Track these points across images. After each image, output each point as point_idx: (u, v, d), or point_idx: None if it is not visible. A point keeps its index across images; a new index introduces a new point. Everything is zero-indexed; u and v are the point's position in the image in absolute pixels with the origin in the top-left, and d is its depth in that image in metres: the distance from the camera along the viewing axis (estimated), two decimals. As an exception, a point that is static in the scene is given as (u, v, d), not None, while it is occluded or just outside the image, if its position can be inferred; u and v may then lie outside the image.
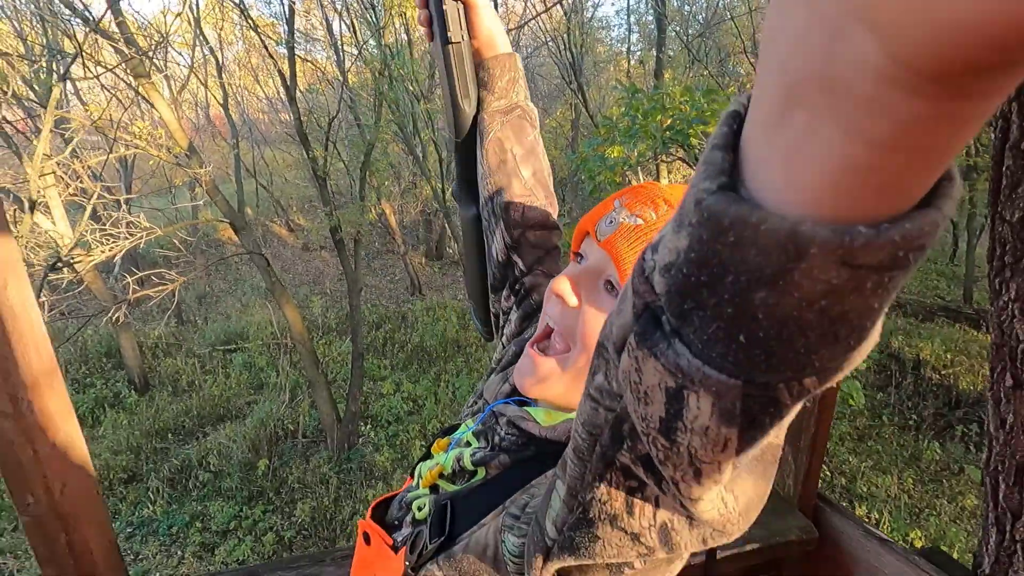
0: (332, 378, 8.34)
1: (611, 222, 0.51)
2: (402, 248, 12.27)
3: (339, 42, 9.44)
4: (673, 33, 11.98)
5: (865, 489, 6.25)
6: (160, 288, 5.36)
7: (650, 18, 12.44)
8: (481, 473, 0.56)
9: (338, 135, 9.81)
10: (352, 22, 9.03)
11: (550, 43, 12.67)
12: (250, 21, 6.71)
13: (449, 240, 14.13)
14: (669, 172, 10.10)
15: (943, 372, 7.96)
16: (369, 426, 7.48)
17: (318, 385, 6.81)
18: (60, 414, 0.76)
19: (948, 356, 8.13)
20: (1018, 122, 0.74)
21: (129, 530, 5.90)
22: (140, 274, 5.59)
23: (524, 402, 0.60)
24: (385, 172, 11.28)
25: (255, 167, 14.12)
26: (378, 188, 10.89)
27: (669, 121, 6.21)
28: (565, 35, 11.67)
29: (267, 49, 6.61)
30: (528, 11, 13.21)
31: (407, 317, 10.65)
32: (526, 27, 13.22)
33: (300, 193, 16.35)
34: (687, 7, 13.19)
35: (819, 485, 1.05)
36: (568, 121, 15.64)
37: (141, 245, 5.32)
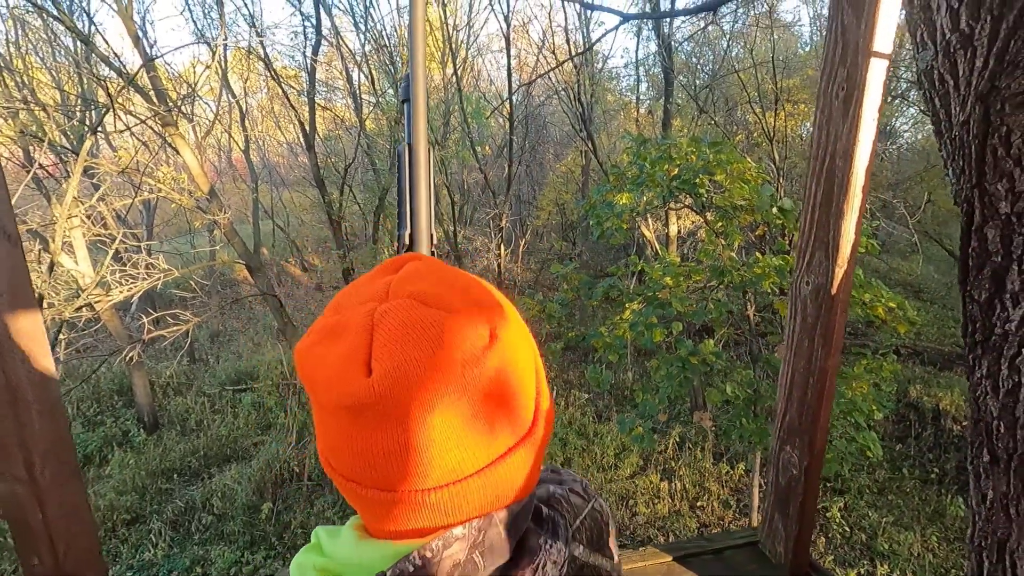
0: (339, 419, 8.28)
1: None
2: (412, 290, 12.38)
3: (357, 91, 9.85)
4: (680, 85, 12.34)
5: (887, 546, 6.00)
6: (175, 328, 5.46)
7: (658, 70, 12.83)
8: None
9: (354, 179, 10.12)
10: (371, 72, 9.44)
11: (561, 93, 13.10)
12: (273, 72, 7.05)
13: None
14: (678, 219, 10.22)
15: (964, 424, 7.73)
16: (374, 471, 7.39)
17: (325, 427, 6.78)
18: (69, 479, 0.79)
19: (968, 407, 7.91)
20: (980, 207, 0.77)
21: (129, 574, 5.81)
22: (156, 314, 5.71)
23: None
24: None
25: (272, 209, 14.51)
26: (391, 231, 11.13)
27: (676, 170, 6.35)
28: (575, 86, 12.07)
29: (288, 100, 6.92)
30: (540, 62, 13.72)
31: (417, 359, 10.64)
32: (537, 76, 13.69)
33: (315, 234, 16.72)
34: (694, 59, 13.61)
35: (823, 546, 1.05)
36: (579, 167, 16.01)
37: (159, 286, 5.46)
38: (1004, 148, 0.73)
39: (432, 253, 0.70)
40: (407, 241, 0.68)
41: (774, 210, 6.03)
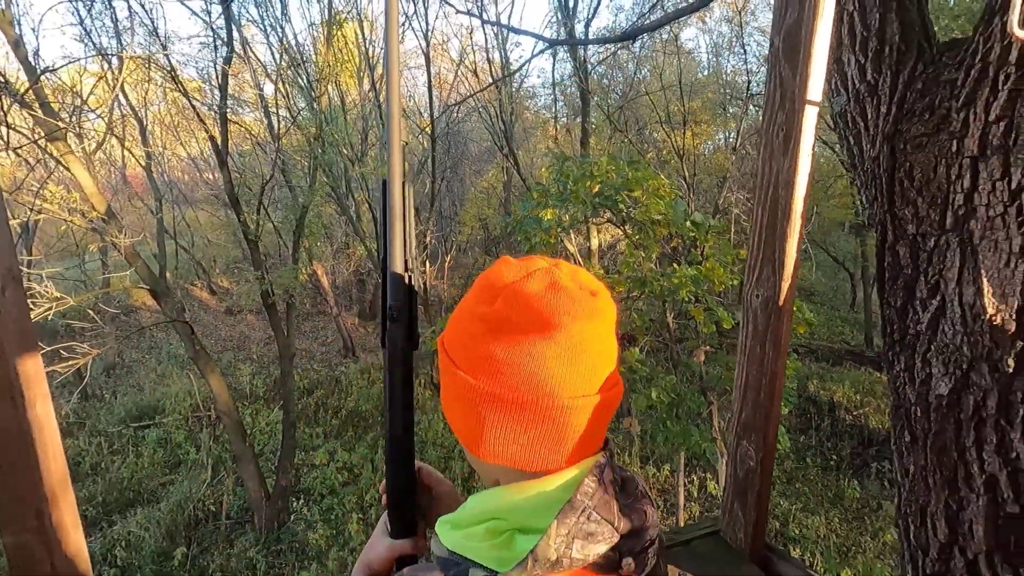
0: (260, 451, 7.82)
1: None
2: (335, 310, 11.98)
3: (269, 106, 9.47)
4: (596, 104, 12.94)
5: (798, 531, 6.53)
6: (69, 363, 4.94)
7: (574, 91, 13.41)
8: None
9: (270, 197, 9.68)
10: (285, 88, 9.12)
11: (482, 110, 13.30)
12: (180, 85, 6.64)
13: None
14: (599, 232, 10.66)
15: (855, 413, 8.61)
16: (301, 501, 7.03)
17: (244, 459, 6.37)
18: (72, 525, 0.73)
19: (858, 397, 8.83)
20: (891, 229, 0.93)
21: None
22: (46, 348, 5.13)
23: None
24: (318, 234, 11.16)
25: (175, 228, 13.51)
26: (309, 249, 10.71)
27: (598, 187, 6.63)
28: (496, 104, 12.31)
29: (197, 113, 6.54)
30: (459, 79, 13.89)
31: (340, 381, 10.28)
32: (456, 92, 13.84)
33: (224, 255, 15.71)
34: (606, 81, 14.33)
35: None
36: (501, 183, 16.25)
37: (49, 317, 4.92)
38: (909, 180, 0.89)
39: (407, 278, 0.73)
40: (383, 268, 0.72)
41: (687, 223, 6.47)
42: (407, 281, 0.72)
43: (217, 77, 6.92)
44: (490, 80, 11.16)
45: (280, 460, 6.59)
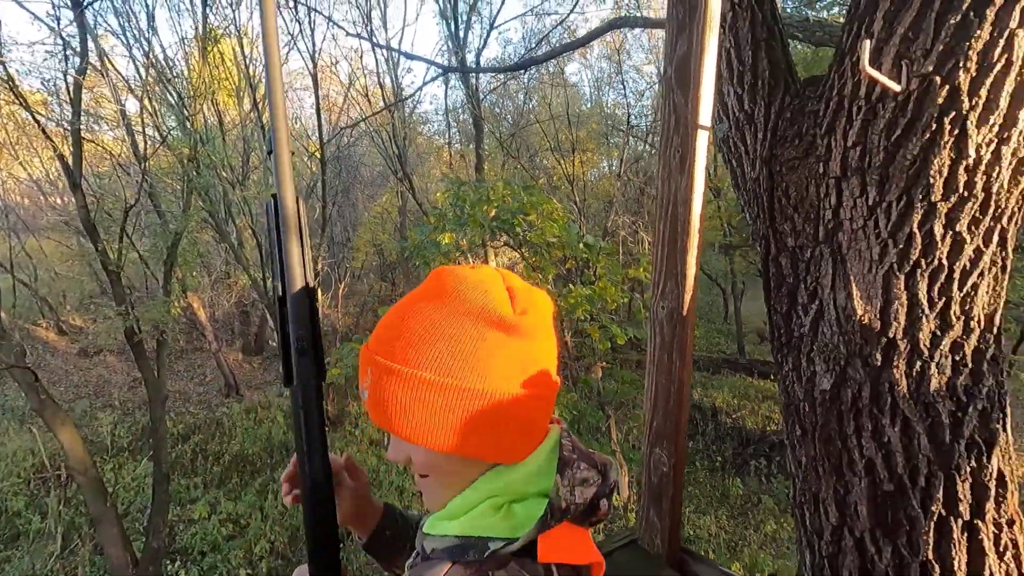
0: (124, 510, 6.84)
1: (363, 401, 0.61)
2: (214, 345, 10.94)
3: (133, 124, 8.58)
4: (489, 131, 13.25)
5: (692, 532, 6.92)
6: None
7: (467, 117, 13.65)
8: None
9: (135, 224, 8.71)
10: (152, 106, 8.33)
11: (374, 134, 13.06)
12: (20, 97, 5.83)
13: (272, 331, 13.03)
14: (496, 255, 10.83)
15: (734, 416, 9.40)
16: (178, 563, 6.23)
17: (105, 522, 5.53)
18: None
19: (736, 402, 9.66)
20: (773, 243, 1.04)
21: None
22: None
23: None
24: (193, 263, 10.19)
25: (12, 260, 11.66)
26: (183, 280, 9.73)
27: (494, 211, 6.73)
28: (389, 128, 12.16)
29: (43, 129, 5.77)
30: (349, 102, 13.58)
31: (222, 423, 9.37)
32: (347, 116, 13.51)
33: (77, 289, 13.80)
34: (497, 109, 14.75)
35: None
36: (395, 207, 15.99)
37: None
38: (785, 199, 1.00)
39: (310, 303, 0.68)
40: (280, 293, 0.66)
41: (581, 245, 6.76)
42: (309, 307, 0.66)
43: (68, 90, 6.16)
44: (382, 104, 11.01)
45: (150, 518, 5.81)
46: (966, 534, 0.86)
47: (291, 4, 9.76)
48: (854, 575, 0.94)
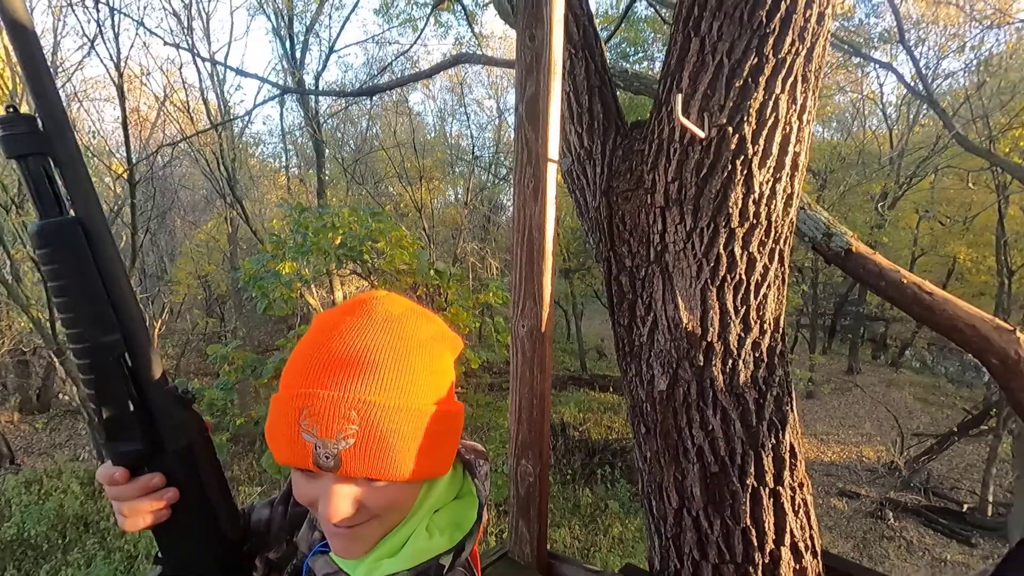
0: None
1: (326, 456, 0.50)
2: (-21, 405, 8.80)
3: None
4: (332, 156, 12.78)
5: (549, 546, 7.18)
6: None
7: (305, 140, 13.01)
8: None
9: None
10: None
11: (197, 155, 11.81)
12: None
13: (64, 383, 10.86)
14: (343, 284, 10.35)
15: (581, 429, 10.04)
16: None
17: None
18: None
19: (581, 415, 10.33)
20: (614, 263, 1.18)
21: None
22: None
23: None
24: (-54, 303, 8.15)
25: None
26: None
27: (340, 238, 6.48)
28: (217, 148, 11.10)
29: None
30: (164, 118, 12.13)
31: (-8, 502, 7.51)
32: (163, 133, 12.04)
33: None
34: (339, 134, 14.31)
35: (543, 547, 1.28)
36: (224, 235, 14.51)
37: None
38: (622, 225, 1.14)
39: (141, 353, 0.56)
40: (120, 351, 0.54)
41: (432, 272, 6.78)
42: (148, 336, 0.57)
43: None
44: (207, 123, 9.96)
45: None
46: (772, 500, 1.05)
47: (87, 2, 8.51)
48: (694, 550, 1.08)
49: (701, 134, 0.99)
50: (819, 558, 1.08)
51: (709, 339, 1.06)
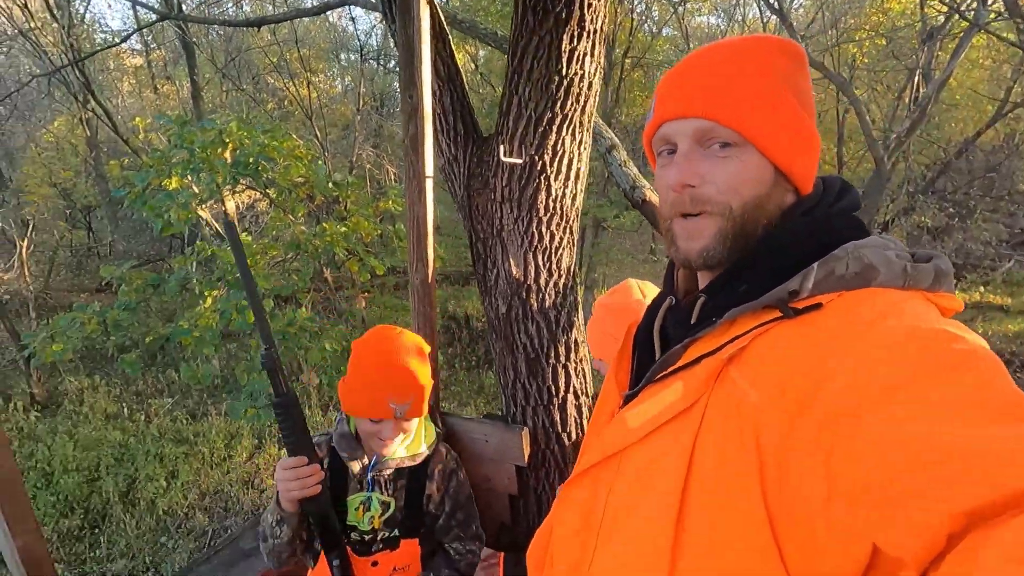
0: None
1: (399, 412, 1.30)
2: None
3: None
4: (199, 50, 11.57)
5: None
6: None
7: (170, 34, 11.58)
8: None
9: None
10: None
11: (23, 41, 10.26)
12: None
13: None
14: (234, 194, 10.04)
15: (483, 320, 11.11)
16: None
17: None
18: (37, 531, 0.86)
19: (482, 308, 11.36)
20: (474, 234, 1.82)
21: None
22: None
23: None
24: None
25: None
26: None
27: (231, 154, 6.40)
28: (55, 34, 9.73)
29: None
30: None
31: None
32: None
33: None
34: (205, 28, 12.82)
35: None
36: (81, 139, 13.01)
37: None
38: (477, 211, 1.77)
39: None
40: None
41: (330, 185, 6.91)
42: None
43: None
44: (45, 8, 8.51)
45: None
46: (563, 369, 1.85)
47: None
48: (521, 400, 1.89)
49: (519, 162, 1.63)
50: (591, 399, 1.93)
51: (528, 282, 1.78)
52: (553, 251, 1.73)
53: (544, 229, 1.70)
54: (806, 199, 0.63)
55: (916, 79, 9.14)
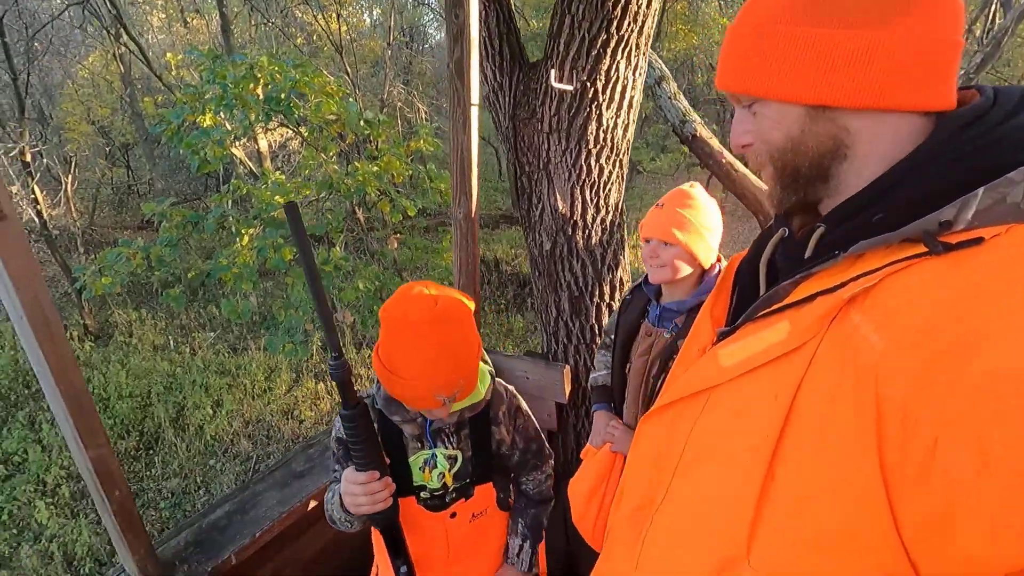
0: None
1: (448, 401, 1.11)
2: None
3: None
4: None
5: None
6: None
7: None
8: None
9: None
10: None
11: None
12: None
13: None
14: (267, 133, 10.02)
15: (512, 264, 11.08)
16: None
17: None
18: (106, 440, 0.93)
19: (513, 251, 11.31)
20: (519, 167, 1.74)
21: None
22: None
23: None
24: None
25: None
26: None
27: (263, 90, 6.34)
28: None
29: None
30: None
31: (-52, 362, 7.79)
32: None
33: None
34: (233, -47, 12.42)
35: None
36: (115, 74, 13.05)
37: None
38: (523, 143, 1.69)
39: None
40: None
41: (361, 123, 6.81)
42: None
43: None
44: None
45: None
46: (607, 308, 1.82)
47: None
48: (563, 339, 1.87)
49: (570, 88, 1.53)
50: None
51: (575, 218, 1.72)
52: (601, 186, 1.66)
53: (593, 162, 1.62)
54: (956, 115, 0.51)
55: (992, 8, 8.33)
